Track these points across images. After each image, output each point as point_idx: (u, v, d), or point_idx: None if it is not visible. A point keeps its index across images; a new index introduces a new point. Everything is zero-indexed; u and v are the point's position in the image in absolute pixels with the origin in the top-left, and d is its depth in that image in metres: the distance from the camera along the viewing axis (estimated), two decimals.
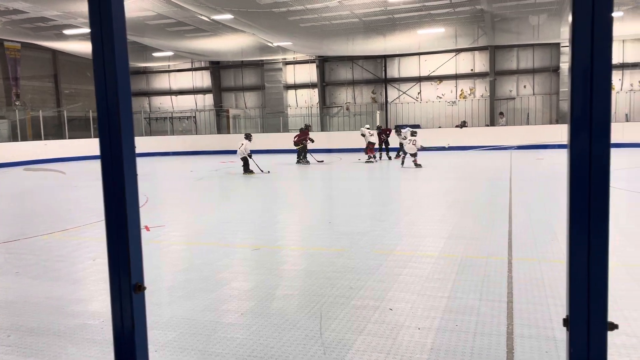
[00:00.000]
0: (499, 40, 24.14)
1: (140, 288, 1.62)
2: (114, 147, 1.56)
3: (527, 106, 26.77)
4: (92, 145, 21.77)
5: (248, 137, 16.95)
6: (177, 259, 6.28)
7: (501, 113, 26.37)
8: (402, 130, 19.32)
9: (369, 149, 19.77)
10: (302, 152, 19.63)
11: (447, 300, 4.42)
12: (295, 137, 19.82)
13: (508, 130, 24.25)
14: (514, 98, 26.96)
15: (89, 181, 16.14)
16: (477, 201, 9.95)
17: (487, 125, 26.39)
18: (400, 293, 4.65)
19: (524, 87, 26.81)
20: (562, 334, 3.78)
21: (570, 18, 1.42)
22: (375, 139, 19.98)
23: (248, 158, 16.33)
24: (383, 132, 20.62)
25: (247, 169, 16.39)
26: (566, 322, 1.49)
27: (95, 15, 1.53)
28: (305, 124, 22.18)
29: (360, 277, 5.16)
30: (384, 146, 20.98)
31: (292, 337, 3.80)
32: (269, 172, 16.55)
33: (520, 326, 3.85)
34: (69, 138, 26.48)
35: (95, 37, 1.56)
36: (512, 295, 4.49)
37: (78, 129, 27.73)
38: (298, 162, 19.58)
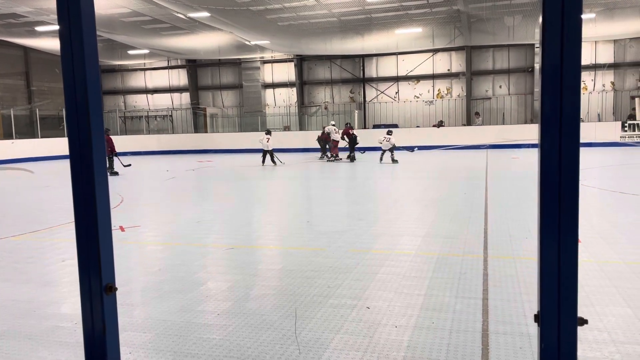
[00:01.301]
0: (475, 41, 24.45)
1: (111, 289, 1.58)
2: (84, 146, 1.52)
3: (502, 106, 27.18)
4: (64, 145, 21.31)
5: (270, 132, 19.11)
6: (153, 260, 6.19)
7: (477, 113, 26.73)
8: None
9: (334, 147, 19.89)
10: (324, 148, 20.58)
11: (423, 298, 4.45)
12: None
13: (484, 130, 24.59)
14: (489, 98, 27.35)
15: (61, 181, 15.82)
16: (453, 200, 10.06)
17: (464, 125, 26.72)
18: (378, 291, 4.67)
19: (500, 87, 27.22)
20: (535, 330, 3.84)
21: (540, 19, 1.44)
22: (339, 137, 20.09)
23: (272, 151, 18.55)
24: (345, 133, 20.44)
25: (273, 161, 18.56)
26: (537, 317, 1.52)
27: (64, 11, 1.50)
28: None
29: (338, 276, 5.17)
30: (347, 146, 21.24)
31: (269, 337, 3.78)
32: (284, 163, 18.62)
33: (495, 323, 3.90)
34: (41, 137, 25.92)
35: (64, 34, 1.52)
36: (488, 293, 4.55)
37: (50, 128, 27.16)
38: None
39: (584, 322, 1.51)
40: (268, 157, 18.67)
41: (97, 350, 1.57)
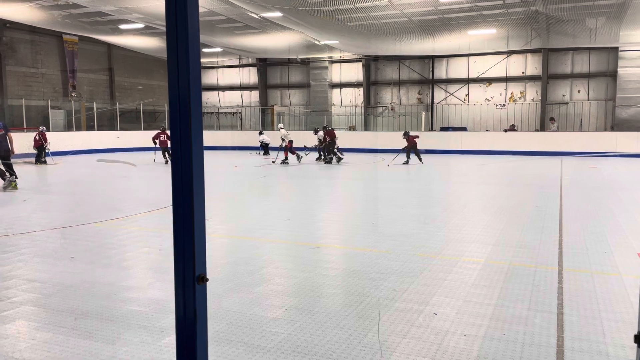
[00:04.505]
0: (554, 43, 23.40)
1: (203, 279, 1.66)
2: (184, 141, 1.60)
3: (580, 112, 25.85)
4: (141, 138, 22.43)
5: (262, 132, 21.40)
6: (223, 252, 6.40)
7: (552, 118, 25.56)
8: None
9: (286, 150, 19.30)
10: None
11: (494, 308, 4.33)
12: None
13: (559, 136, 23.49)
14: (566, 103, 26.09)
15: (137, 172, 16.70)
16: (525, 208, 9.68)
17: (537, 130, 25.64)
18: (445, 298, 4.59)
19: (578, 91, 25.90)
20: (615, 349, 3.64)
21: None
22: (290, 138, 19.62)
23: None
24: (329, 135, 19.83)
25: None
26: (637, 338, 1.44)
27: (171, 15, 1.58)
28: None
29: (404, 279, 5.13)
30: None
31: (335, 336, 3.81)
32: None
33: (571, 339, 3.73)
34: (120, 130, 27.41)
35: (170, 34, 1.61)
36: (563, 307, 4.36)
37: (128, 122, 28.65)
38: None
39: None
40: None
41: (188, 338, 1.65)
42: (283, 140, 19.55)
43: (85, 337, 3.77)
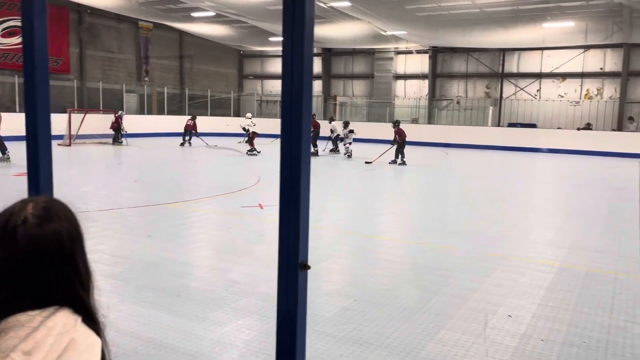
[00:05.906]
0: (637, 38, 21.97)
1: (305, 267, 1.70)
2: (295, 132, 1.64)
3: None
4: (210, 123, 23.02)
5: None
6: None
7: (631, 117, 24.07)
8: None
9: (252, 140, 18.02)
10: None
11: (572, 314, 4.17)
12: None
13: (638, 137, 22.09)
14: None
15: (203, 156, 17.23)
16: (602, 211, 9.21)
17: (614, 130, 24.24)
18: (520, 301, 4.46)
19: None
20: None
21: None
22: (258, 129, 18.38)
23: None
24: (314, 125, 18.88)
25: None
26: None
27: (289, 16, 1.62)
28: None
29: (475, 278, 5.02)
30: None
31: (406, 331, 3.80)
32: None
33: None
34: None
35: (287, 33, 1.65)
36: None
37: (196, 107, 29.52)
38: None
39: None
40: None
41: (289, 322, 1.70)
42: (246, 130, 18.57)
43: (167, 312, 3.95)
